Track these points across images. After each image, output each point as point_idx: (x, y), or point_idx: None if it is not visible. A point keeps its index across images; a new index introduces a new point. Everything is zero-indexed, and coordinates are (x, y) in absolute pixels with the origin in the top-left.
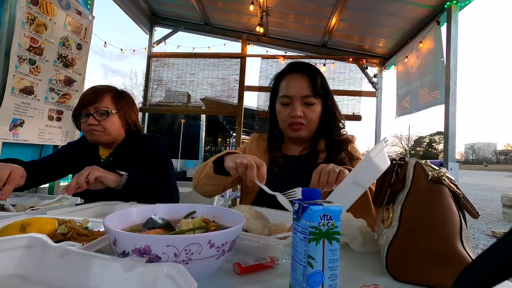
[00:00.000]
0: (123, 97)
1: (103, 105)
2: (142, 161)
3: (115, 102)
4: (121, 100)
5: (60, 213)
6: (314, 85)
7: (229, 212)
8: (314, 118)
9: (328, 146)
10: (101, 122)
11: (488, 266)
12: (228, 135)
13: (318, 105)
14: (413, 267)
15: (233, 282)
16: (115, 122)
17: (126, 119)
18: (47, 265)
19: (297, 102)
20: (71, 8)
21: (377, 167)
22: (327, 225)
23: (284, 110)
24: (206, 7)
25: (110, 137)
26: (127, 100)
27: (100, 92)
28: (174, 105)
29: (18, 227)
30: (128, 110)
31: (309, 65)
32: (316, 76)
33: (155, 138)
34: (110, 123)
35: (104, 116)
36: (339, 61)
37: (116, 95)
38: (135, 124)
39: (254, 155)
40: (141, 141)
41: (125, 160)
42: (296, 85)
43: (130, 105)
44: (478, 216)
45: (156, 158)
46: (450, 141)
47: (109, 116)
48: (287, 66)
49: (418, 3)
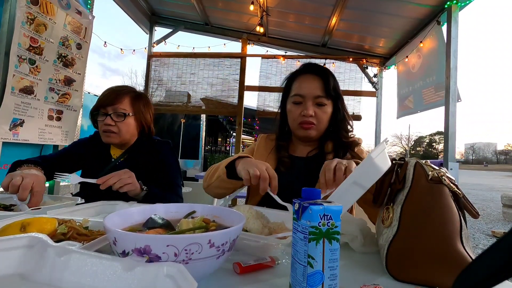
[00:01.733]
0: (141, 99)
1: (121, 107)
2: (152, 165)
3: (132, 104)
4: (139, 103)
5: (60, 213)
6: (327, 87)
7: (229, 212)
8: (324, 119)
9: (335, 148)
10: (117, 124)
11: (488, 266)
12: (228, 135)
13: (329, 107)
14: (413, 267)
15: (233, 281)
16: (131, 124)
17: (141, 122)
18: (47, 264)
19: (309, 101)
20: (71, 7)
21: (378, 167)
22: (327, 225)
23: (295, 109)
24: (206, 6)
25: (123, 139)
26: (144, 103)
27: (119, 93)
28: (174, 104)
29: (18, 227)
30: (144, 113)
31: (323, 67)
32: (329, 78)
33: (167, 144)
34: (125, 125)
35: (121, 118)
36: (339, 61)
37: (135, 97)
38: (149, 127)
39: (262, 156)
40: (152, 145)
41: (136, 162)
42: (309, 85)
43: (146, 108)
44: (478, 216)
45: (166, 165)
46: (450, 141)
47: (126, 118)
48: (301, 67)
49: (418, 3)
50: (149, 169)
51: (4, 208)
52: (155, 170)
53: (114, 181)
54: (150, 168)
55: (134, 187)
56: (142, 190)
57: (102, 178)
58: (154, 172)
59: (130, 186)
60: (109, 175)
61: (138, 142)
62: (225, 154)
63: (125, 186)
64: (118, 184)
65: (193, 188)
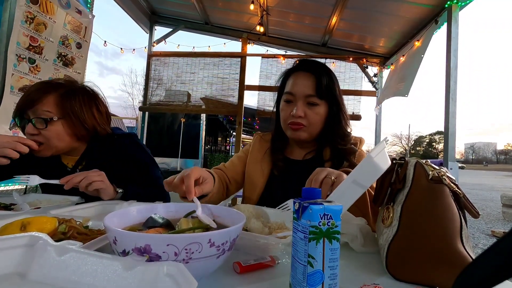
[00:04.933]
0: (75, 96)
1: (43, 109)
2: (119, 166)
3: (60, 104)
4: (71, 101)
5: (60, 212)
6: (319, 86)
7: (229, 211)
8: (316, 120)
9: (333, 156)
10: (42, 132)
11: (488, 266)
12: (228, 134)
13: (322, 107)
14: (413, 267)
15: (233, 281)
16: (59, 131)
17: (81, 125)
18: (47, 264)
19: (300, 101)
20: (71, 7)
21: (377, 167)
22: (327, 224)
23: (286, 108)
24: (206, 6)
25: (58, 149)
26: (82, 100)
27: (40, 91)
28: (174, 104)
29: (18, 226)
30: (82, 113)
31: (320, 64)
32: (324, 76)
33: (129, 136)
34: (52, 132)
35: (43, 124)
36: (339, 60)
37: (64, 94)
38: (99, 129)
39: (256, 159)
40: (112, 144)
41: (101, 167)
42: (301, 83)
43: (86, 106)
44: (478, 216)
45: (138, 162)
46: (450, 140)
47: (50, 124)
48: (297, 63)
49: (419, 3)
50: (117, 169)
51: (4, 208)
52: (125, 170)
53: (80, 179)
54: (118, 169)
55: (104, 185)
56: (116, 193)
57: (66, 177)
58: (124, 171)
59: (100, 183)
60: (73, 174)
61: (92, 145)
62: (225, 154)
63: (94, 183)
64: (85, 181)
65: None
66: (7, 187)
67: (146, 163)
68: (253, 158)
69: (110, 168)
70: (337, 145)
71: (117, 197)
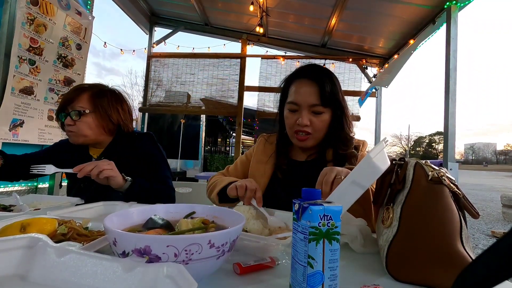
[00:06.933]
0: (105, 96)
1: (79, 105)
2: (135, 162)
3: (92, 101)
4: (101, 99)
5: (60, 213)
6: (324, 94)
7: (229, 212)
8: (321, 127)
9: (334, 157)
10: (76, 122)
11: (488, 266)
12: (228, 135)
13: (327, 114)
14: (413, 267)
15: (233, 282)
16: (90, 122)
17: (107, 119)
18: (47, 265)
19: (304, 110)
20: (71, 8)
21: (377, 167)
22: (327, 225)
23: (291, 117)
24: (206, 7)
25: (86, 138)
26: (110, 99)
27: (77, 90)
28: (174, 105)
29: (18, 227)
30: (109, 109)
31: (321, 69)
32: (327, 83)
33: (147, 135)
34: (83, 123)
35: (77, 116)
36: (339, 61)
37: (96, 93)
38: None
39: (261, 162)
40: (132, 140)
41: (118, 161)
42: (305, 92)
43: (113, 104)
44: (478, 216)
45: (151, 159)
46: (450, 141)
47: (83, 116)
48: (299, 69)
49: (418, 4)
50: (133, 165)
51: (3, 209)
52: (139, 165)
53: (91, 168)
54: (134, 164)
55: (114, 173)
56: (125, 181)
57: (78, 166)
58: (138, 167)
59: (110, 172)
60: (85, 163)
61: (116, 140)
62: (225, 155)
63: (104, 171)
64: (96, 170)
65: (193, 189)
66: (7, 188)
67: (157, 161)
68: (257, 159)
69: (126, 162)
70: (339, 150)
71: (125, 185)
